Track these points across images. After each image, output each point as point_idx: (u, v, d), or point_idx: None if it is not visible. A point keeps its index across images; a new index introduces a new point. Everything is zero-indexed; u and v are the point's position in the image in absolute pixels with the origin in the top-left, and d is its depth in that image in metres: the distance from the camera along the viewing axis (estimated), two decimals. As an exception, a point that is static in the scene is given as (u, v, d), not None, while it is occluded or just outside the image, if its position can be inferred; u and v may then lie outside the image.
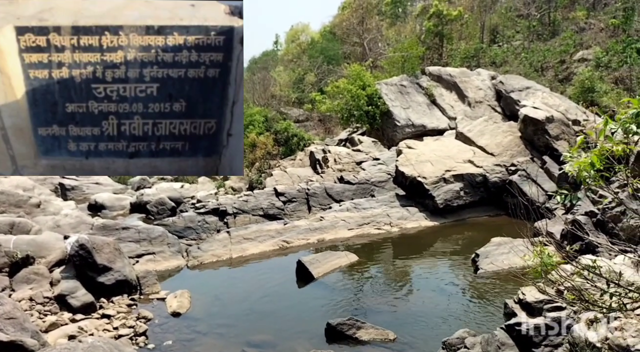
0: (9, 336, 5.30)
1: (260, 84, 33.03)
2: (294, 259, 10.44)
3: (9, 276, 7.98)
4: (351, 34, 32.48)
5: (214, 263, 11.12)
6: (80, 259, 8.28)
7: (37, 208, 15.52)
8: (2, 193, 15.01)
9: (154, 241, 11.35)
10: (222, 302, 8.74)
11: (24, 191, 16.84)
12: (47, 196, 18.89)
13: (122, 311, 7.67)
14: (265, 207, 14.24)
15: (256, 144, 20.67)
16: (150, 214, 17.86)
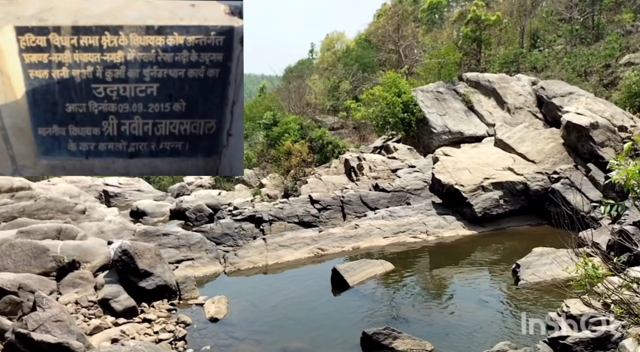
0: (56, 338, 5.52)
1: (295, 92, 33.34)
2: (329, 266, 10.43)
3: (56, 280, 8.32)
4: (387, 41, 32.40)
5: (250, 270, 11.25)
6: (123, 264, 8.54)
7: (83, 214, 16.15)
8: (51, 200, 15.71)
9: (192, 247, 11.60)
10: (259, 309, 8.82)
11: (70, 198, 17.58)
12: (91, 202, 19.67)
13: (162, 316, 7.86)
14: (300, 215, 14.32)
15: (291, 152, 20.82)
16: (189, 221, 18.27)
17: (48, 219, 14.75)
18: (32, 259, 8.36)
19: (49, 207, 15.42)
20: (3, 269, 7.97)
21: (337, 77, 34.17)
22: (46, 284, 7.98)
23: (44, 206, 15.38)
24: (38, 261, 8.41)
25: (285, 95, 34.39)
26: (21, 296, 7.32)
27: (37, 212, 15.08)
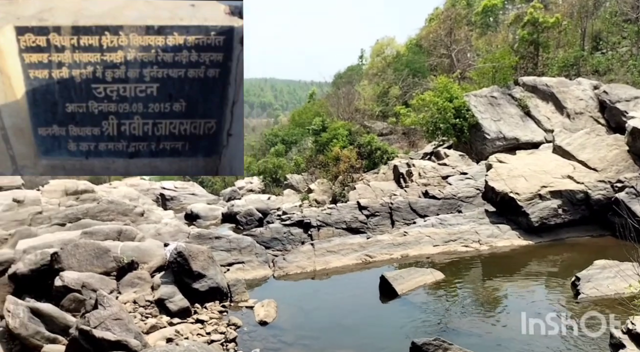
0: (115, 335, 5.79)
1: (344, 98, 33.42)
2: (376, 273, 10.34)
3: (116, 279, 8.75)
4: (438, 46, 31.86)
5: (299, 274, 11.35)
6: (177, 266, 8.86)
7: (141, 217, 16.90)
8: (112, 202, 16.55)
9: (243, 250, 11.86)
10: (307, 314, 8.88)
11: (130, 201, 18.44)
12: (149, 205, 20.52)
13: (214, 317, 8.07)
14: (348, 221, 14.30)
15: (340, 158, 20.84)
16: (240, 224, 18.71)
17: (109, 220, 15.54)
18: (94, 259, 8.83)
19: (110, 210, 16.26)
20: (68, 268, 8.46)
21: (386, 83, 33.96)
22: (107, 283, 8.40)
23: (106, 208, 16.23)
24: (100, 260, 8.87)
25: (334, 101, 34.54)
26: (84, 294, 7.76)
27: (99, 214, 15.94)
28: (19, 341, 6.29)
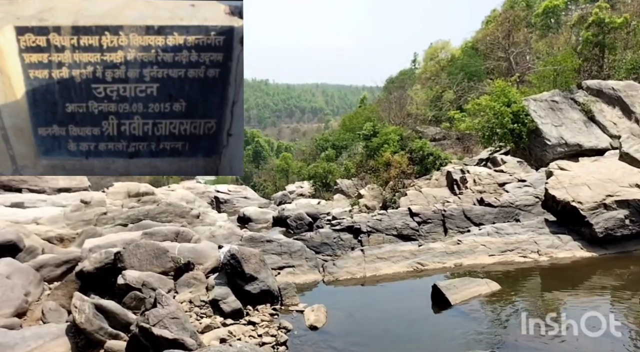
0: (173, 334, 6.00)
1: (396, 103, 33.15)
2: (428, 282, 10.12)
3: (173, 279, 9.06)
4: (495, 49, 30.89)
5: (348, 280, 11.31)
6: (231, 268, 9.06)
7: (197, 219, 17.48)
8: (170, 205, 17.22)
9: (293, 254, 11.98)
10: (357, 321, 8.83)
11: (186, 203, 19.12)
12: (204, 208, 21.19)
13: (265, 320, 8.19)
14: (399, 227, 14.11)
15: (391, 163, 20.66)
16: (290, 228, 18.93)
17: (168, 222, 16.19)
18: (154, 259, 9.20)
19: (168, 211, 16.93)
20: (130, 267, 8.86)
21: (440, 87, 33.36)
22: (165, 283, 8.73)
23: (165, 210, 16.91)
24: (159, 260, 9.23)
25: (385, 106, 34.35)
26: (144, 293, 8.09)
27: (158, 216, 16.63)
28: (85, 335, 6.66)
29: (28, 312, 8.53)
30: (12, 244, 11.37)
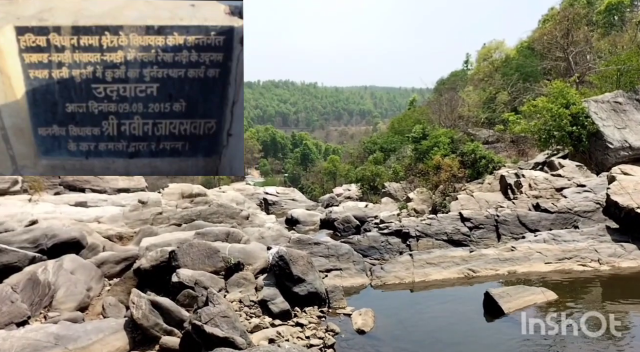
0: (223, 332, 6.15)
1: (447, 104, 32.45)
2: (480, 289, 9.82)
3: (224, 279, 9.29)
4: (553, 48, 29.58)
5: (397, 285, 11.17)
6: (279, 269, 9.18)
7: (246, 220, 17.85)
8: (221, 206, 17.69)
9: (341, 257, 11.97)
10: (405, 326, 8.69)
11: (236, 205, 19.58)
12: (254, 209, 21.62)
13: (312, 322, 8.23)
14: (449, 232, 13.80)
15: (441, 166, 20.23)
16: (337, 231, 18.94)
17: (219, 222, 16.63)
18: (206, 259, 9.49)
19: (219, 212, 17.40)
20: (183, 266, 9.18)
21: (493, 88, 32.35)
22: (216, 282, 8.97)
23: (216, 211, 17.39)
24: (210, 260, 9.51)
25: (436, 108, 33.71)
26: (196, 291, 8.35)
27: (210, 216, 17.13)
28: (141, 331, 6.95)
29: (90, 306, 9.02)
30: (76, 242, 12.07)
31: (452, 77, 46.29)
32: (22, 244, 11.26)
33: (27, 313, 7.90)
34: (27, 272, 8.95)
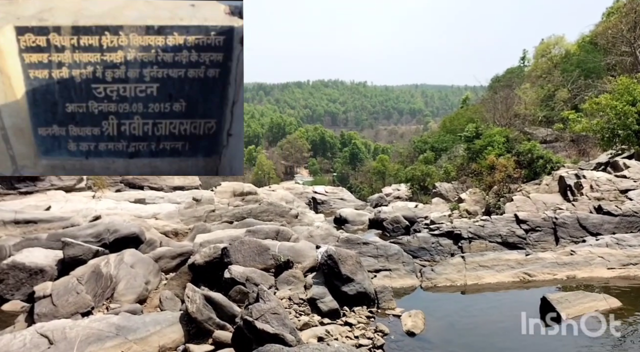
0: (274, 329, 6.26)
1: (502, 102, 31.36)
2: (536, 294, 9.44)
3: (274, 276, 9.45)
4: (618, 43, 27.87)
5: (448, 287, 10.94)
6: (328, 268, 9.22)
7: (295, 219, 18.07)
8: (271, 204, 18.00)
9: (390, 258, 11.86)
10: (457, 330, 8.50)
11: (286, 203, 19.87)
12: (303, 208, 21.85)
13: (361, 322, 8.20)
14: (504, 235, 13.35)
15: (495, 166, 19.59)
16: (386, 231, 18.79)
17: (269, 220, 16.94)
18: (256, 256, 9.68)
19: (269, 211, 17.72)
20: (235, 262, 9.41)
21: (552, 85, 30.95)
22: (266, 279, 9.13)
23: (266, 209, 17.73)
24: (261, 257, 9.69)
25: (490, 106, 32.66)
26: (247, 287, 8.54)
27: (260, 214, 17.49)
28: (195, 324, 7.20)
29: (148, 299, 9.44)
30: (135, 237, 12.69)
31: (508, 74, 44.65)
32: (86, 239, 11.98)
33: (91, 304, 8.39)
34: (91, 265, 9.51)
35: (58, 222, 15.58)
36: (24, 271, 9.86)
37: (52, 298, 8.29)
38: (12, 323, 8.40)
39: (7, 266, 9.86)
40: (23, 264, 9.92)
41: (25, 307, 9.04)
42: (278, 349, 5.62)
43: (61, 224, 15.39)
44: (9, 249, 11.86)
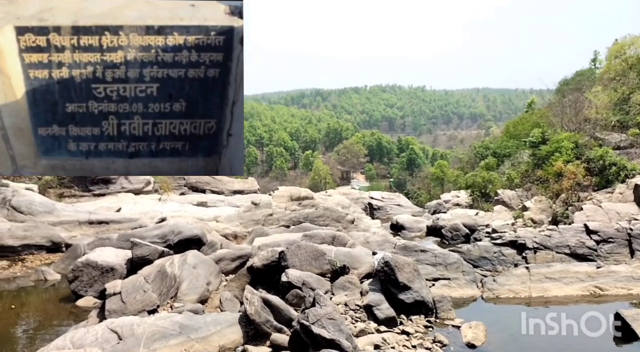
0: (330, 334, 6.26)
1: (571, 106, 29.70)
2: (608, 310, 8.84)
3: (330, 281, 9.47)
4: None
5: (511, 299, 10.48)
6: (384, 275, 9.12)
7: (352, 224, 18.04)
8: (327, 209, 18.09)
9: (449, 266, 11.54)
10: (520, 344, 8.12)
11: (342, 208, 19.89)
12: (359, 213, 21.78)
13: (419, 331, 8.04)
14: (572, 246, 12.62)
15: (563, 173, 18.59)
16: (445, 239, 18.32)
17: (325, 225, 17.03)
18: (312, 260, 9.76)
19: (325, 215, 17.82)
20: (291, 266, 9.53)
21: (627, 88, 28.90)
22: (323, 284, 9.17)
23: (322, 214, 17.84)
24: (317, 262, 9.76)
25: (557, 110, 31.04)
26: (304, 291, 8.62)
27: (316, 219, 17.62)
28: (254, 326, 7.35)
29: (209, 299, 9.76)
30: (197, 239, 13.19)
31: (577, 76, 42.24)
32: (153, 239, 12.61)
33: (156, 302, 8.79)
34: (157, 265, 9.97)
35: (127, 223, 16.53)
36: (96, 268, 10.51)
37: (121, 295, 8.76)
38: (86, 318, 8.96)
39: (81, 264, 10.54)
40: (96, 262, 10.57)
41: (97, 303, 9.62)
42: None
43: (130, 225, 16.32)
44: (84, 248, 12.71)
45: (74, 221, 16.37)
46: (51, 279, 11.93)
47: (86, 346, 6.41)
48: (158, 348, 6.72)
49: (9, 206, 15.84)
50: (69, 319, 9.52)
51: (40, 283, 11.79)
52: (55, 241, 14.44)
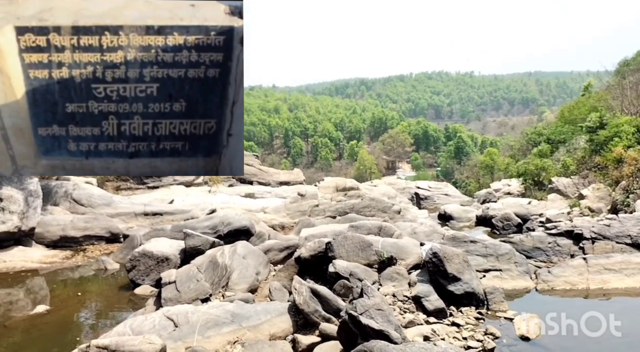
0: (378, 325, 6.26)
1: (632, 88, 28.02)
2: (677, 304, 8.34)
3: (377, 272, 9.45)
4: None
5: (567, 291, 10.08)
6: (433, 266, 9.00)
7: (398, 214, 17.88)
8: (373, 200, 18.01)
9: (500, 257, 11.23)
10: (577, 338, 7.79)
11: (388, 199, 19.73)
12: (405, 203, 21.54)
13: (470, 323, 7.88)
14: (634, 236, 11.94)
15: (623, 160, 17.59)
16: (495, 229, 17.83)
17: (371, 216, 16.98)
18: (359, 251, 9.76)
19: (372, 206, 17.74)
20: (338, 257, 9.58)
21: (694, 66, 26.92)
22: (370, 275, 9.16)
23: (368, 205, 17.78)
24: (364, 253, 9.75)
25: (617, 93, 29.39)
26: (351, 282, 8.65)
27: (362, 210, 17.59)
28: (303, 316, 7.46)
29: (258, 289, 9.99)
30: (246, 229, 13.50)
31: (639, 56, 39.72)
32: (204, 230, 13.03)
33: (209, 291, 9.09)
34: (208, 255, 10.29)
35: (180, 215, 17.15)
36: (152, 258, 10.98)
37: (176, 284, 9.12)
38: (143, 305, 9.41)
39: (138, 254, 11.04)
40: (151, 252, 11.05)
41: (154, 292, 10.07)
42: (383, 345, 5.60)
43: (182, 217, 16.92)
44: (140, 239, 13.31)
45: (130, 213, 17.15)
46: (111, 268, 12.58)
47: (144, 333, 6.72)
48: (212, 335, 6.96)
49: (70, 199, 16.78)
50: (128, 306, 10.02)
51: (101, 272, 12.46)
52: (113, 231, 15.19)
